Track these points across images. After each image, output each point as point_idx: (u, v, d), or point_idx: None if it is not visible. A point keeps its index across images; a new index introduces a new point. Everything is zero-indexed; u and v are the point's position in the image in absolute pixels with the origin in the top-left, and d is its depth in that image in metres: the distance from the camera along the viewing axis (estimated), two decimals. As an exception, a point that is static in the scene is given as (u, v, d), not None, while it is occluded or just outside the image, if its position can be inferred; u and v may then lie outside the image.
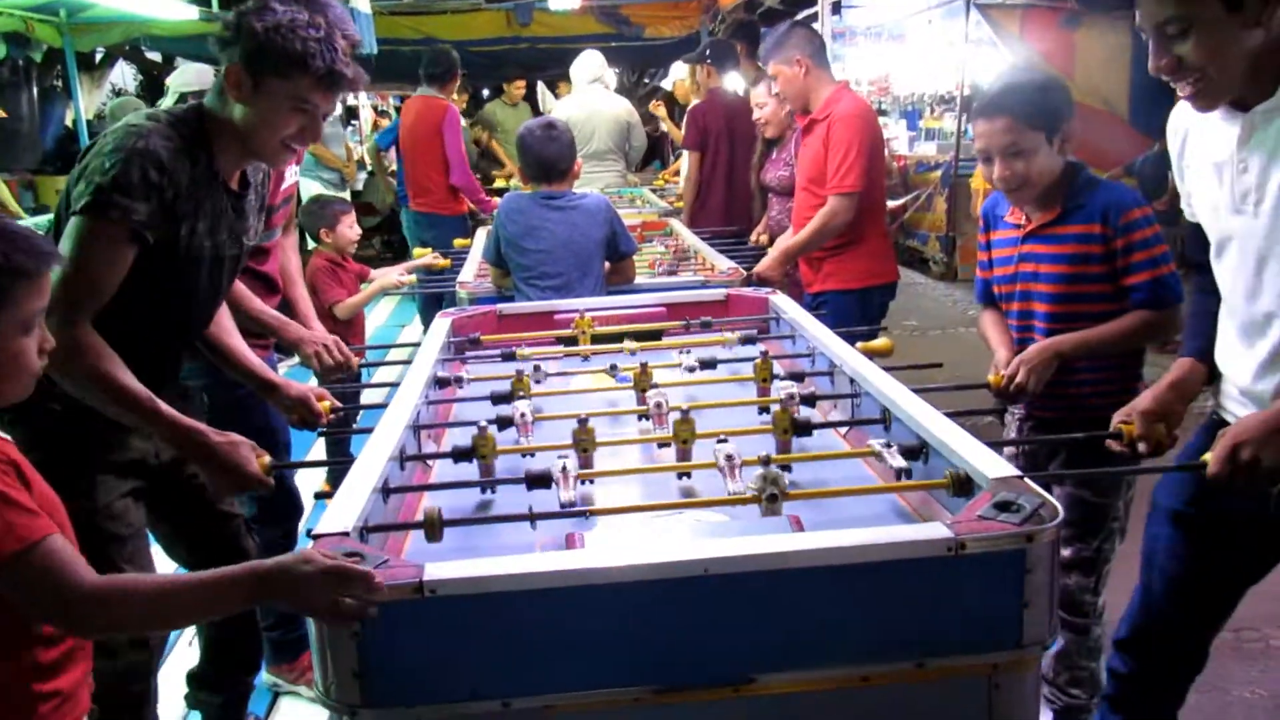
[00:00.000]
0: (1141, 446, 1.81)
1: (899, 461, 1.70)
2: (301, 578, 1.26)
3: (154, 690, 2.09)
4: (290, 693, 2.81)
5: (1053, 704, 2.34)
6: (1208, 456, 1.64)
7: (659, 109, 7.39)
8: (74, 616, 1.33)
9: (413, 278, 4.00)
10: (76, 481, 1.88)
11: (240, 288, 2.35)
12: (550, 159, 3.34)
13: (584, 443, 1.80)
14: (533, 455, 1.87)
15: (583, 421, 1.80)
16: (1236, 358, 1.78)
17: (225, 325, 2.22)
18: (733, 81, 5.24)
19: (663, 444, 1.87)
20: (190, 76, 3.71)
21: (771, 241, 4.52)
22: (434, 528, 1.51)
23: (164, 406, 1.82)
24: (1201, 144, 1.72)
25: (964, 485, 1.55)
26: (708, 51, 5.28)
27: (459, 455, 1.81)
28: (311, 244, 4.09)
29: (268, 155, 1.98)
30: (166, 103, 3.74)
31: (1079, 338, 2.20)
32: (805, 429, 1.88)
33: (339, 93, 1.92)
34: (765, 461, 1.58)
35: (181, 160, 1.83)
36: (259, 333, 2.46)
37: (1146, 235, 2.19)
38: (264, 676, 2.83)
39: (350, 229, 3.98)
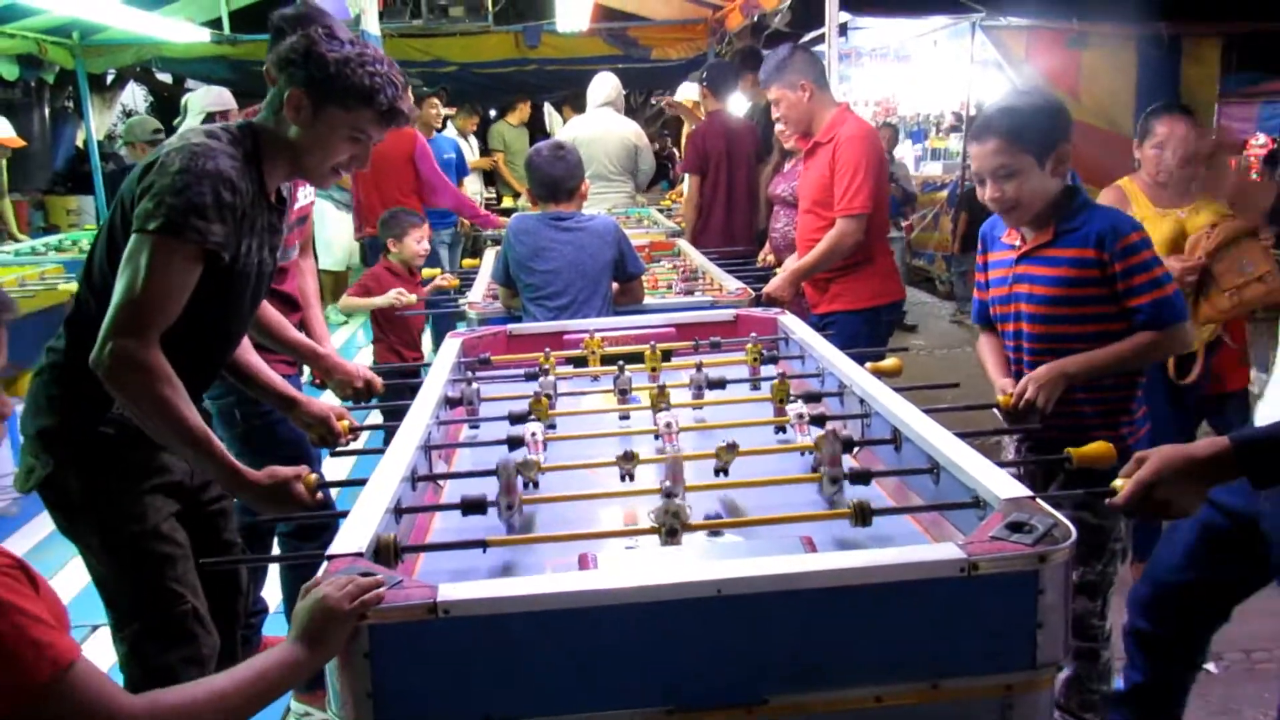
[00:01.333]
0: (1117, 483, 1.63)
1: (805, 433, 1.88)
2: (334, 636, 1.26)
3: None
4: (305, 716, 2.80)
5: None
6: (1118, 483, 1.60)
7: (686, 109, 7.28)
8: None
9: (414, 298, 4.05)
10: (127, 504, 1.91)
11: (276, 315, 2.35)
12: (557, 179, 3.36)
13: (628, 469, 1.83)
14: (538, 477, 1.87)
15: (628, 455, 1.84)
16: None
17: (244, 343, 2.22)
18: (737, 104, 5.26)
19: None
20: (213, 98, 3.79)
21: (776, 257, 4.55)
22: (389, 554, 1.49)
23: (216, 442, 1.81)
24: None
25: (864, 516, 1.57)
26: (704, 74, 5.31)
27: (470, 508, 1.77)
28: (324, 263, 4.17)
29: (317, 178, 2.01)
30: (189, 123, 3.84)
31: (1085, 359, 2.21)
32: (849, 446, 1.88)
33: (392, 126, 1.95)
34: (668, 494, 1.58)
35: (244, 178, 1.84)
36: (283, 351, 2.46)
37: (1146, 258, 2.21)
38: (293, 704, 2.83)
39: (419, 243, 4.20)
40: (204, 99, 3.90)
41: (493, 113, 10.45)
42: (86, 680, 1.14)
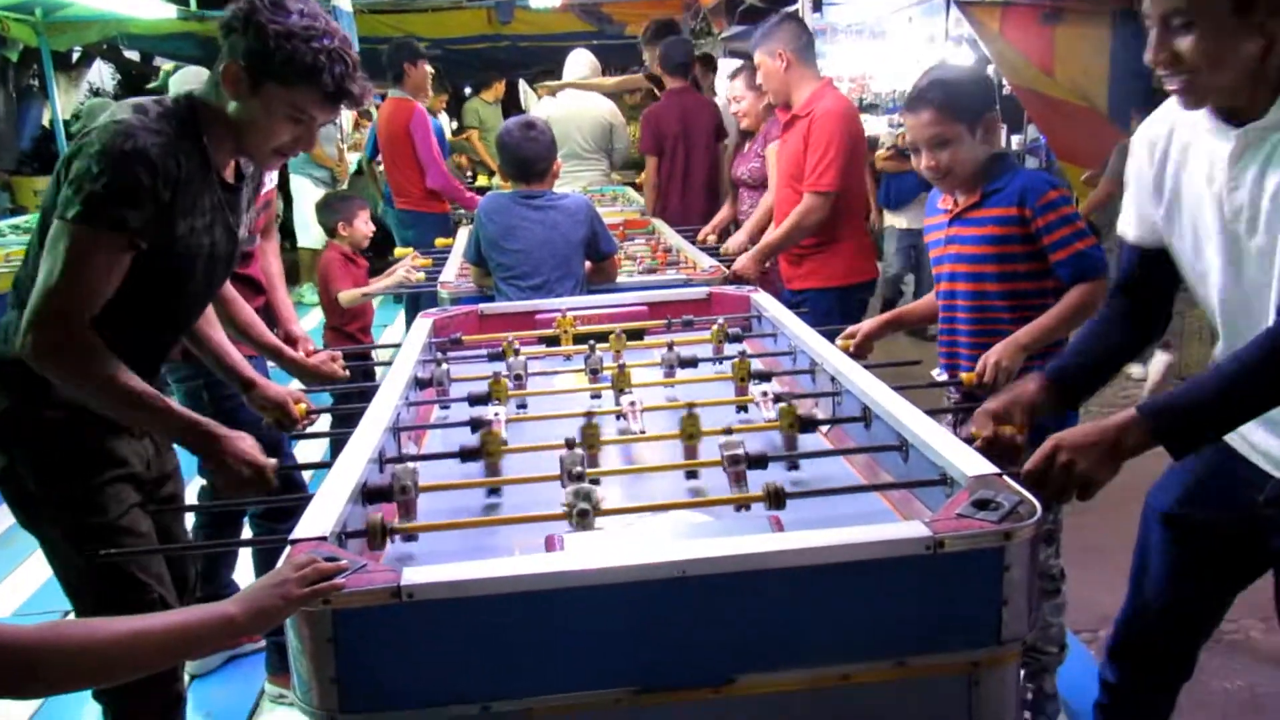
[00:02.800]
0: (977, 443, 1.72)
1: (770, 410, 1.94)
2: (278, 611, 1.24)
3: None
4: (279, 698, 2.79)
5: (1026, 665, 2.37)
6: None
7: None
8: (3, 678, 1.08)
9: (422, 275, 3.99)
10: (86, 498, 1.84)
11: (250, 314, 2.31)
12: (529, 158, 3.33)
13: (590, 439, 1.82)
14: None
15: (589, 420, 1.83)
16: None
17: (209, 317, 2.16)
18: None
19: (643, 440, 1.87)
20: (190, 76, 3.76)
21: (722, 239, 4.53)
22: (377, 536, 1.49)
23: (172, 402, 1.77)
24: (1188, 159, 1.65)
25: (778, 499, 1.56)
26: (660, 51, 5.12)
27: (466, 455, 1.83)
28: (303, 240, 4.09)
29: (259, 159, 1.92)
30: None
31: (1034, 328, 2.28)
32: (810, 425, 1.89)
33: (339, 108, 1.84)
34: (579, 477, 1.58)
35: (173, 156, 1.72)
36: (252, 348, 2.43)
37: (1065, 213, 2.29)
38: (268, 687, 2.82)
39: (365, 225, 4.08)
40: (181, 79, 3.90)
41: (466, 90, 10.37)
42: None
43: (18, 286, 1.82)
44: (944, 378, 2.53)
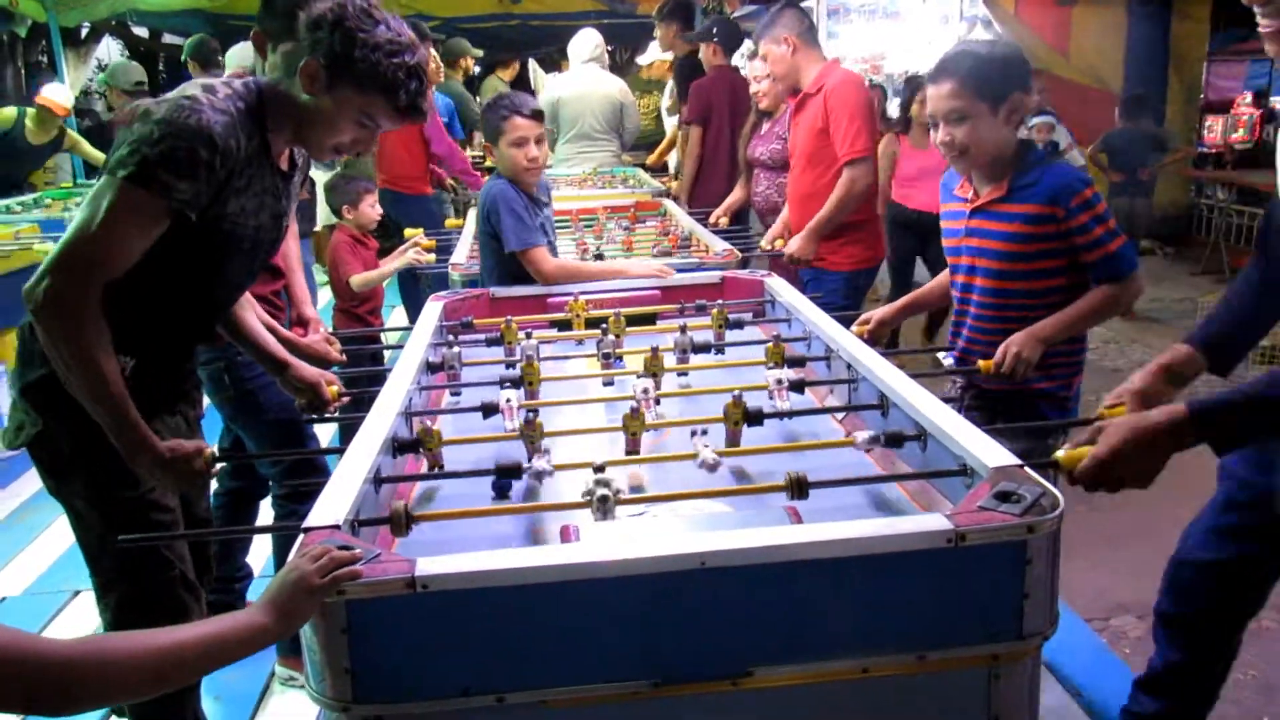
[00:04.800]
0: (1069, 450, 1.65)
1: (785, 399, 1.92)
2: (307, 609, 1.23)
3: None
4: (289, 680, 2.79)
5: None
6: (1063, 454, 1.55)
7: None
8: (43, 698, 1.05)
9: (432, 256, 3.97)
10: (118, 467, 1.82)
11: (251, 321, 2.28)
12: None
13: (633, 426, 1.80)
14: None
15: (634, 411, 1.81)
16: None
17: (241, 300, 2.17)
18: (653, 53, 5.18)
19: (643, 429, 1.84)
20: (249, 54, 3.95)
21: (734, 219, 4.53)
22: (401, 524, 1.48)
23: (130, 406, 1.74)
24: None
25: (800, 488, 1.54)
26: (714, 30, 5.22)
27: (504, 474, 1.74)
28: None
29: (315, 151, 1.94)
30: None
31: (1056, 321, 2.26)
32: (756, 419, 1.83)
33: (408, 122, 1.87)
34: (599, 468, 1.55)
35: (235, 137, 1.74)
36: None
37: (1099, 212, 2.24)
38: (278, 669, 2.82)
39: (372, 208, 4.03)
40: (238, 56, 4.50)
41: (476, 68, 10.30)
42: None
43: None
44: (949, 363, 2.51)
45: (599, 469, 1.54)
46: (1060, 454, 1.55)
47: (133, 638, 1.17)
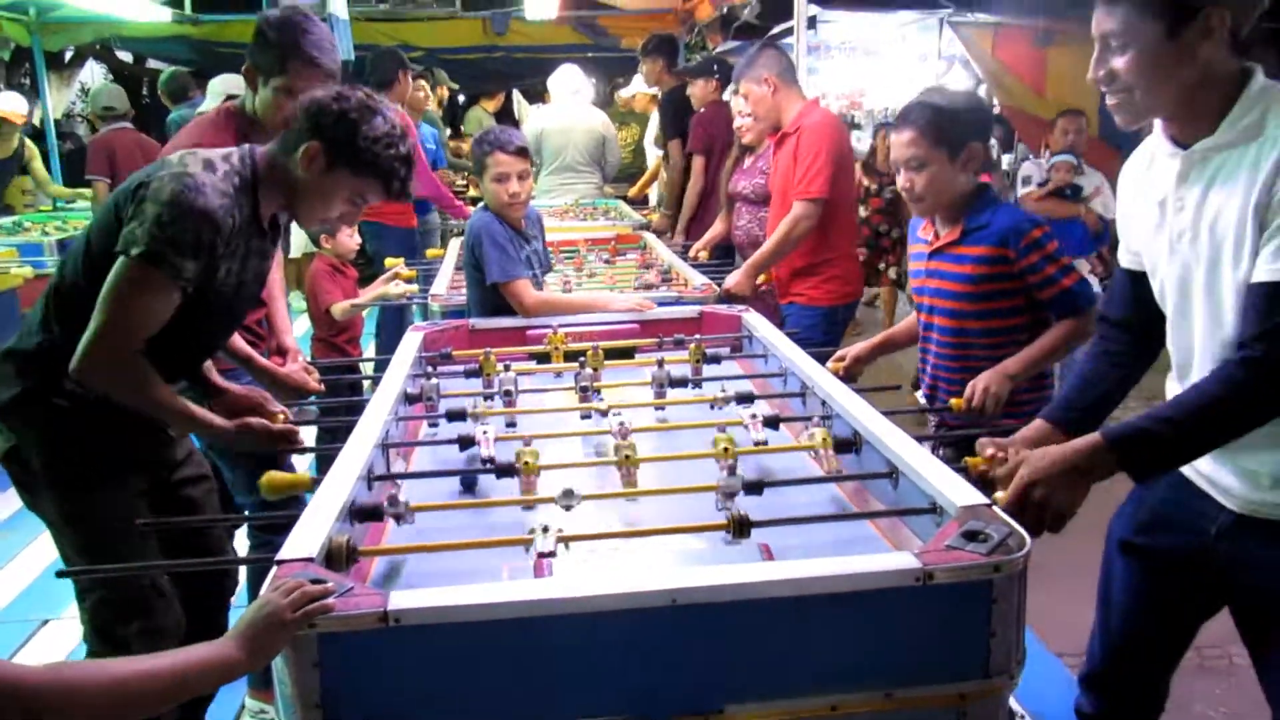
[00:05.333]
0: (999, 494, 1.62)
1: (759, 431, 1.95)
2: (278, 642, 1.24)
3: None
4: (260, 713, 2.75)
5: None
6: (1000, 495, 1.58)
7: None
8: None
9: (414, 287, 3.99)
10: (88, 481, 1.99)
11: None
12: None
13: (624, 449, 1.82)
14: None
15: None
16: None
17: None
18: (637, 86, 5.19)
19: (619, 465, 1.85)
20: (232, 84, 4.16)
21: (715, 253, 4.57)
22: (341, 559, 1.46)
23: (192, 408, 1.99)
24: (1148, 183, 1.70)
25: (742, 529, 1.54)
26: (715, 66, 5.31)
27: (502, 471, 1.81)
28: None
29: (305, 222, 2.13)
30: (209, 103, 4.66)
31: (1023, 358, 2.33)
32: (846, 446, 1.89)
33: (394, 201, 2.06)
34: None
35: (233, 216, 1.91)
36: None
37: (1049, 252, 2.32)
38: (248, 702, 2.79)
39: (350, 238, 4.03)
40: (222, 85, 4.69)
41: (461, 98, 10.37)
42: None
43: (59, 290, 1.98)
44: (923, 401, 2.56)
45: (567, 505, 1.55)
46: (970, 459, 1.65)
47: (104, 666, 1.18)
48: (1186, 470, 1.73)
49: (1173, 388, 1.73)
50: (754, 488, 1.68)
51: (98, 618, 2.07)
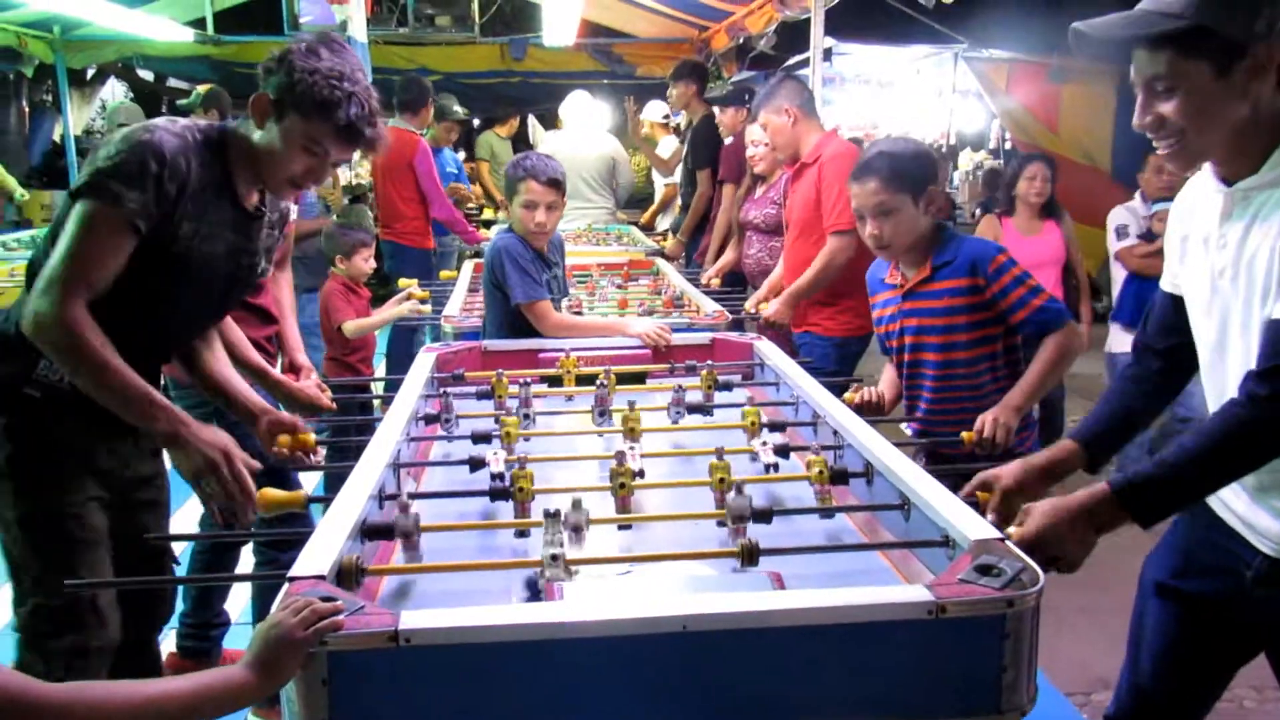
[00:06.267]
0: (991, 518, 1.67)
1: (770, 458, 1.95)
2: (292, 664, 1.23)
3: None
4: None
5: None
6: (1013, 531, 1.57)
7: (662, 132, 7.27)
8: None
9: (428, 307, 4.01)
10: (46, 479, 1.93)
11: (237, 334, 2.35)
12: None
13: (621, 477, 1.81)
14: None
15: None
16: None
17: (219, 354, 2.24)
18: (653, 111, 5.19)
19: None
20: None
21: (725, 282, 4.58)
22: (350, 577, 1.47)
23: (153, 392, 1.85)
24: (1197, 217, 1.69)
25: (751, 556, 1.53)
26: (746, 95, 5.35)
27: (495, 494, 1.81)
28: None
29: (274, 186, 2.05)
30: None
31: (1024, 387, 2.37)
32: (764, 516, 1.70)
33: (354, 147, 1.99)
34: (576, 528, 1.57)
35: (188, 159, 1.86)
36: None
37: (1016, 274, 2.39)
38: (248, 718, 2.78)
39: (365, 262, 4.10)
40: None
41: (476, 122, 10.44)
42: None
43: (32, 267, 1.94)
44: (909, 433, 2.62)
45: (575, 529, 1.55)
46: (980, 493, 1.70)
47: (118, 687, 1.18)
48: (1221, 512, 1.72)
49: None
50: (763, 515, 1.67)
51: (30, 629, 1.98)
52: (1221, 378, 1.64)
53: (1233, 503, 1.68)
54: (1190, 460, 1.52)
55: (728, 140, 5.35)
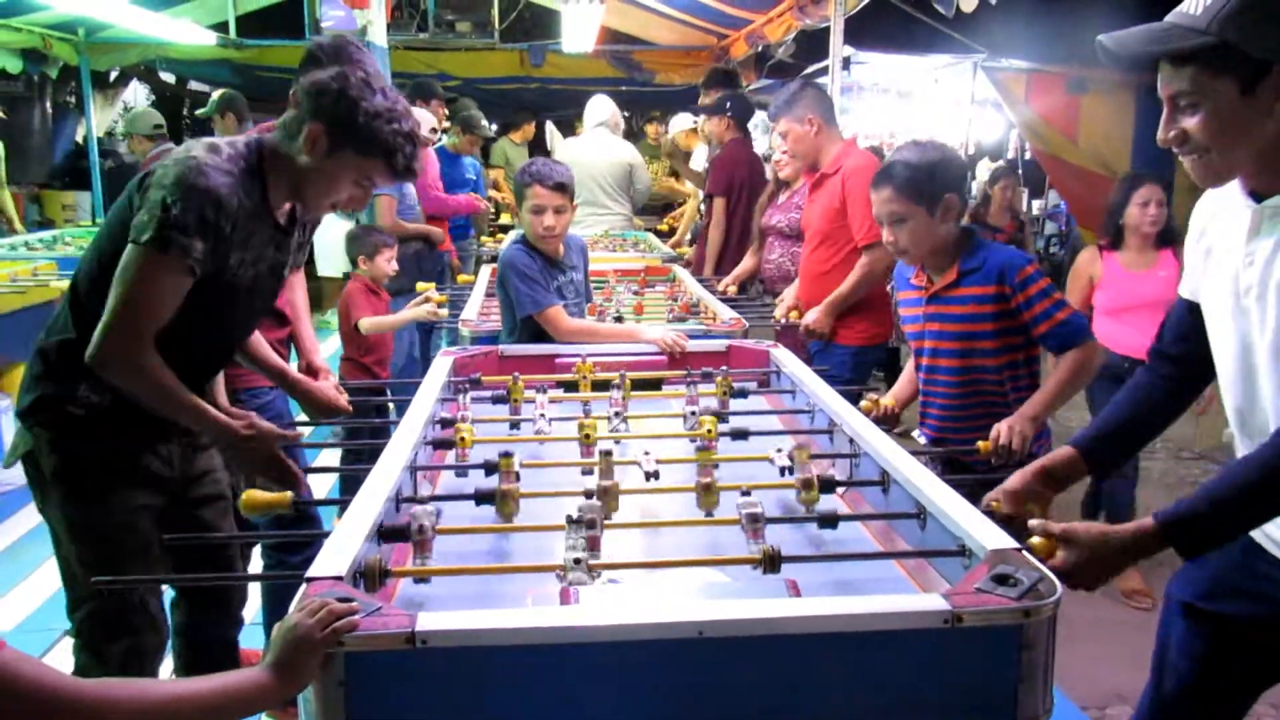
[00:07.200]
0: (1034, 540, 1.61)
1: (784, 460, 1.94)
2: (311, 665, 1.24)
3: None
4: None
5: None
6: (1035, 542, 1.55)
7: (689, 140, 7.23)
8: None
9: (445, 311, 4.03)
10: (95, 489, 2.00)
11: (254, 335, 2.38)
12: None
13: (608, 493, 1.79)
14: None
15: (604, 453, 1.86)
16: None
17: (255, 337, 2.36)
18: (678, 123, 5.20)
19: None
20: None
21: (742, 290, 4.58)
22: (373, 578, 1.48)
23: (206, 409, 1.97)
24: (1222, 230, 1.66)
25: (774, 563, 1.53)
26: (728, 105, 5.33)
27: (481, 498, 1.82)
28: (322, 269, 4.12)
29: (313, 208, 2.09)
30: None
31: (1041, 399, 2.37)
32: (829, 486, 1.87)
33: (402, 181, 2.03)
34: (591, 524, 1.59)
35: (238, 197, 1.90)
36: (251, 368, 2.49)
37: (1043, 286, 2.38)
38: (264, 718, 2.79)
39: (388, 263, 4.14)
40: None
41: (493, 128, 10.47)
42: (19, 665, 1.05)
43: (75, 286, 2.02)
44: (923, 441, 2.62)
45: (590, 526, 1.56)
46: (993, 503, 1.72)
47: (146, 685, 1.20)
48: (1257, 535, 1.70)
49: (1237, 439, 1.70)
50: (778, 522, 1.67)
51: (86, 633, 2.07)
52: (1249, 401, 1.62)
53: (1269, 527, 1.66)
54: (1238, 497, 1.49)
55: (703, 148, 5.33)
